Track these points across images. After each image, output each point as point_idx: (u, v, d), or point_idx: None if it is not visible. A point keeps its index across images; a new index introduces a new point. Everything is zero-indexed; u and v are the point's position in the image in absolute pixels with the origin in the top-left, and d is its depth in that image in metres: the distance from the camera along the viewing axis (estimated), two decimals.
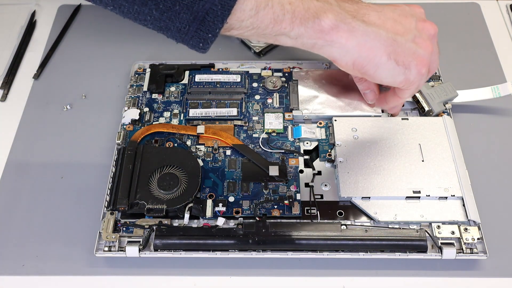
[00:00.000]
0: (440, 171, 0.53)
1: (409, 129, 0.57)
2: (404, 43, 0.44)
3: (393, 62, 0.43)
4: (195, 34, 0.39)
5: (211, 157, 0.56)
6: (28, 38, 0.71)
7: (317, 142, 0.58)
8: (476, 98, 0.61)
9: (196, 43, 0.40)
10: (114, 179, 0.54)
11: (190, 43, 0.40)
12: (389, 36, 0.43)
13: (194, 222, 0.52)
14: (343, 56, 0.42)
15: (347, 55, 0.42)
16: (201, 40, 0.39)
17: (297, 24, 0.40)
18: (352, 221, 0.52)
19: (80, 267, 0.51)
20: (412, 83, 0.46)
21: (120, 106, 0.62)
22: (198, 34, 0.39)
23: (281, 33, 0.41)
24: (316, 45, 0.42)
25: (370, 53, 0.43)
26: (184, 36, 0.40)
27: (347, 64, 0.43)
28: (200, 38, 0.39)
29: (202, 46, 0.40)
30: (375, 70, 0.44)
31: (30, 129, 0.61)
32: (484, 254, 0.49)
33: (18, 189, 0.56)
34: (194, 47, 0.41)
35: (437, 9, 0.74)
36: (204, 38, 0.39)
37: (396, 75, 0.44)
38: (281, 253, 0.50)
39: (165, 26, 0.39)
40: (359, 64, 0.43)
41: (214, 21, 0.38)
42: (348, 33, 0.41)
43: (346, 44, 0.41)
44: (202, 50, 0.41)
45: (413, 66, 0.44)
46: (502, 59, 0.67)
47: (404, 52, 0.44)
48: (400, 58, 0.44)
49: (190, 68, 0.64)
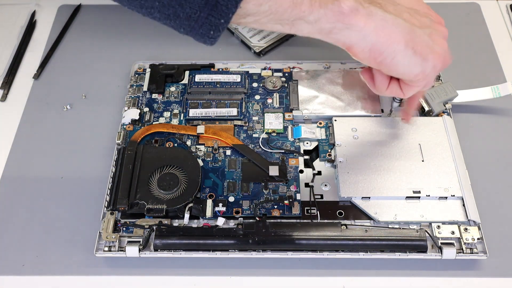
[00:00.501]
0: (440, 171, 0.53)
1: (409, 129, 0.57)
2: (421, 35, 0.43)
3: (411, 51, 0.42)
4: (206, 20, 0.37)
5: (211, 157, 0.56)
6: (28, 38, 0.71)
7: (317, 142, 0.58)
8: (476, 98, 0.61)
9: (206, 31, 0.38)
10: (114, 179, 0.54)
11: (199, 32, 0.38)
12: (407, 24, 0.43)
13: (194, 222, 0.52)
14: (360, 40, 0.41)
15: (365, 39, 0.41)
16: (212, 27, 0.38)
17: (316, 7, 0.39)
18: (352, 221, 0.52)
19: (80, 267, 0.51)
20: (426, 77, 0.45)
21: (120, 106, 0.62)
22: (209, 20, 0.37)
23: (299, 17, 0.39)
24: (335, 29, 0.40)
25: (388, 39, 0.42)
26: (193, 24, 0.38)
27: (363, 50, 0.42)
28: (212, 25, 0.38)
29: (212, 34, 0.38)
30: (392, 58, 0.42)
31: (30, 129, 0.61)
32: (484, 254, 0.49)
33: (18, 189, 0.56)
34: (204, 36, 0.39)
35: (437, 9, 0.73)
36: (215, 25, 0.37)
37: (413, 65, 0.43)
38: (281, 253, 0.50)
39: (173, 13, 0.37)
40: (376, 51, 0.42)
41: (228, 5, 0.36)
42: (367, 16, 0.41)
43: (365, 28, 0.41)
44: (211, 40, 0.39)
45: (431, 58, 0.43)
46: (502, 59, 0.67)
47: (422, 42, 0.43)
48: (418, 47, 0.43)
49: (190, 68, 0.64)
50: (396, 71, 0.44)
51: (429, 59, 0.43)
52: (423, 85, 0.47)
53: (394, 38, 0.42)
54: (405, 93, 0.47)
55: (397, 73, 0.44)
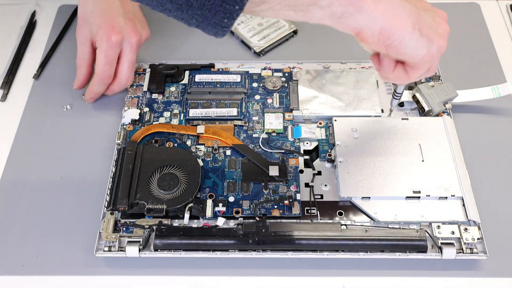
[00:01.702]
0: (440, 171, 0.53)
1: (409, 129, 0.57)
2: (426, 17, 0.45)
3: (418, 33, 0.43)
4: (219, 8, 0.37)
5: (211, 157, 0.56)
6: (28, 38, 0.71)
7: (317, 142, 0.58)
8: (476, 98, 0.61)
9: (219, 20, 0.38)
10: (114, 179, 0.54)
11: (212, 21, 0.38)
12: (413, 7, 0.44)
13: (194, 222, 0.52)
14: (370, 24, 0.42)
15: (375, 23, 0.42)
16: (226, 15, 0.37)
17: None
18: (352, 221, 0.52)
19: (80, 267, 0.51)
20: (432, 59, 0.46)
21: (120, 106, 0.62)
22: (223, 8, 0.37)
23: (313, 2, 0.40)
24: (345, 13, 0.41)
25: (397, 22, 0.43)
26: (206, 13, 0.37)
27: (373, 33, 0.43)
28: (226, 12, 0.37)
29: (226, 22, 0.38)
30: (401, 41, 0.43)
31: (30, 129, 0.61)
32: (484, 254, 0.49)
33: (18, 189, 0.56)
34: (216, 26, 0.38)
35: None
36: (230, 12, 0.37)
37: (419, 46, 0.44)
38: (281, 253, 0.50)
39: (186, 2, 0.37)
40: (385, 34, 0.43)
41: None
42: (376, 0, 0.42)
43: (374, 11, 0.41)
44: (224, 30, 0.39)
45: (436, 39, 0.45)
46: (502, 59, 0.67)
47: (427, 24, 0.44)
48: (424, 29, 0.44)
49: (190, 68, 0.64)
50: (404, 53, 0.45)
51: (434, 40, 0.44)
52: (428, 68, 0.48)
53: (402, 21, 0.43)
54: (411, 76, 0.48)
55: (405, 55, 0.45)
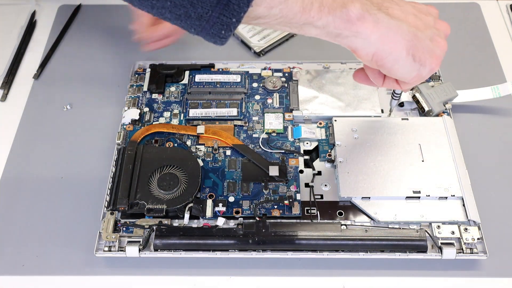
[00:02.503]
0: (440, 171, 0.53)
1: (409, 129, 0.57)
2: (423, 40, 0.44)
3: (411, 58, 0.44)
4: (217, 20, 0.37)
5: (211, 157, 0.56)
6: (28, 38, 0.71)
7: (317, 142, 0.58)
8: (476, 98, 0.61)
9: (217, 31, 0.38)
10: (114, 179, 0.54)
11: (210, 32, 0.38)
12: (411, 31, 0.44)
13: (194, 222, 0.52)
14: (365, 47, 0.43)
15: (370, 46, 0.42)
16: (224, 27, 0.38)
17: (325, 13, 0.40)
18: (352, 221, 0.52)
19: (80, 267, 0.51)
20: (422, 79, 0.46)
21: (120, 106, 0.62)
22: (220, 20, 0.37)
23: (308, 22, 0.40)
24: (341, 35, 0.42)
25: (391, 47, 0.43)
26: (204, 24, 0.38)
27: (367, 55, 0.43)
28: (223, 25, 0.38)
29: (224, 34, 0.38)
30: (393, 64, 0.44)
31: (30, 129, 0.61)
32: (484, 254, 0.49)
33: (18, 189, 0.56)
34: (215, 36, 0.39)
35: (437, 9, 0.74)
36: (227, 24, 0.38)
37: (411, 70, 0.45)
38: (281, 253, 0.50)
39: (184, 13, 0.37)
40: (378, 56, 0.43)
41: (240, 4, 0.37)
42: (373, 24, 0.41)
43: (370, 36, 0.42)
44: (222, 40, 0.39)
45: (428, 63, 0.45)
46: (502, 59, 0.67)
47: (423, 48, 0.44)
48: (418, 54, 0.44)
49: (190, 68, 0.64)
50: (395, 75, 0.45)
51: (426, 64, 0.44)
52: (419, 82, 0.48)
53: (397, 47, 0.43)
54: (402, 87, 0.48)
55: (395, 76, 0.46)
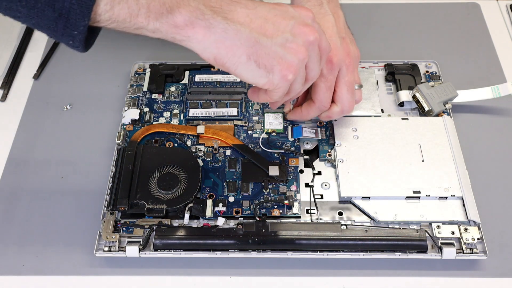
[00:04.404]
0: (440, 171, 0.53)
1: (409, 129, 0.57)
2: (269, 46, 0.42)
3: (253, 63, 0.42)
4: (64, 31, 0.39)
5: (211, 157, 0.56)
6: (28, 38, 0.71)
7: (317, 142, 0.58)
8: (476, 98, 0.61)
9: (66, 41, 0.40)
10: (114, 179, 0.54)
11: (63, 40, 0.40)
12: (252, 36, 0.42)
13: (194, 222, 0.52)
14: (202, 51, 0.42)
15: (206, 50, 0.42)
16: (70, 38, 0.40)
17: (152, 19, 0.40)
18: (352, 221, 0.52)
19: (80, 267, 0.51)
20: (277, 87, 0.44)
21: (120, 106, 0.62)
22: (66, 31, 0.39)
23: (139, 27, 0.41)
24: (175, 39, 0.42)
25: (229, 51, 0.42)
26: (55, 34, 0.40)
27: (209, 59, 0.43)
28: (69, 36, 0.39)
29: (72, 43, 0.40)
30: (235, 69, 0.43)
31: (30, 129, 0.61)
32: (484, 254, 0.49)
33: (18, 189, 0.56)
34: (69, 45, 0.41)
35: (437, 9, 0.74)
36: (72, 36, 0.39)
37: (257, 76, 0.43)
38: (281, 253, 0.50)
39: (36, 23, 0.39)
40: (219, 60, 0.42)
41: (77, 19, 0.38)
42: (205, 29, 0.41)
43: (203, 40, 0.41)
44: (77, 49, 0.41)
45: (277, 70, 0.43)
46: (502, 59, 0.67)
47: (268, 55, 0.42)
48: (262, 60, 0.42)
49: (190, 68, 0.64)
50: (245, 79, 0.44)
51: (274, 70, 0.43)
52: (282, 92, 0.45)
53: (234, 51, 0.42)
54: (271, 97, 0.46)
55: (246, 80, 0.44)
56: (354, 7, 0.75)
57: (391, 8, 0.74)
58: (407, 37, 0.71)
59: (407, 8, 0.74)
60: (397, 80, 0.63)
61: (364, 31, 0.71)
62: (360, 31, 0.71)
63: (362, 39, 0.70)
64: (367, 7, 0.75)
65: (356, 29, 0.71)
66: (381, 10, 0.74)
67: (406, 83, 0.62)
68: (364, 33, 0.71)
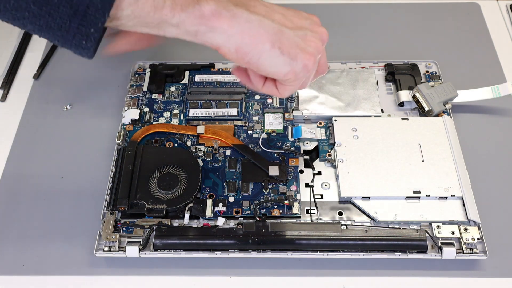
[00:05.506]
0: (440, 171, 0.54)
1: (409, 129, 0.57)
2: (291, 35, 0.43)
3: (278, 51, 0.42)
4: (77, 31, 0.38)
5: (211, 157, 0.56)
6: (28, 38, 0.71)
7: (317, 142, 0.58)
8: (476, 98, 0.61)
9: (78, 42, 0.39)
10: (114, 179, 0.54)
11: (73, 43, 0.39)
12: (275, 26, 0.43)
13: (194, 222, 0.52)
14: (226, 42, 0.42)
15: (230, 41, 0.42)
16: (84, 37, 0.38)
17: (178, 11, 0.40)
18: (352, 221, 0.52)
19: (80, 267, 0.51)
20: (298, 77, 0.45)
21: (120, 106, 0.62)
22: (80, 30, 0.38)
23: (162, 20, 0.40)
24: (199, 32, 0.41)
25: (253, 40, 0.42)
26: (66, 35, 0.38)
27: (230, 50, 0.42)
28: (83, 35, 0.38)
29: (85, 45, 0.39)
30: (259, 58, 0.42)
31: (30, 129, 0.61)
32: (484, 254, 0.49)
33: (18, 189, 0.56)
34: (78, 47, 0.39)
35: (437, 9, 0.74)
36: (87, 35, 0.38)
37: (281, 64, 0.43)
38: (281, 253, 0.50)
39: (45, 23, 0.38)
40: (242, 51, 0.42)
41: (96, 15, 0.37)
42: (230, 19, 0.41)
43: (228, 30, 0.41)
44: (87, 52, 0.40)
45: (300, 58, 0.43)
46: (502, 59, 0.67)
47: (291, 43, 0.43)
48: (286, 47, 0.43)
49: (190, 68, 0.64)
50: (265, 70, 0.44)
51: (298, 58, 0.43)
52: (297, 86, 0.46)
53: (259, 39, 0.42)
54: (281, 92, 0.47)
55: (266, 72, 0.44)
56: (354, 7, 0.75)
57: (391, 8, 0.74)
58: (407, 37, 0.71)
59: (407, 8, 0.74)
60: (397, 80, 0.63)
61: (364, 31, 0.71)
62: (360, 31, 0.71)
63: (362, 39, 0.70)
64: (367, 7, 0.75)
65: (356, 29, 0.72)
66: (381, 10, 0.74)
67: (406, 83, 0.62)
68: (364, 33, 0.71)
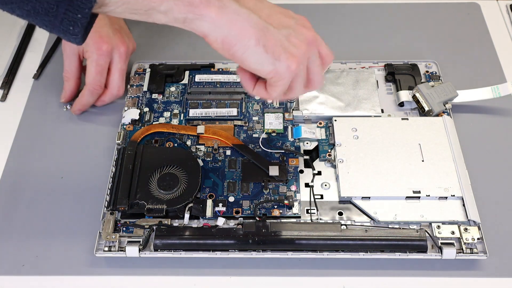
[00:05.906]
0: (440, 171, 0.53)
1: (409, 129, 0.57)
2: (276, 34, 0.43)
3: (262, 48, 0.42)
4: (64, 16, 0.38)
5: (211, 157, 0.56)
6: (28, 38, 0.71)
7: (317, 142, 0.58)
8: (476, 98, 0.61)
9: (66, 27, 0.39)
10: (114, 179, 0.54)
11: (61, 28, 0.39)
12: (261, 22, 0.43)
13: (194, 222, 0.52)
14: (212, 31, 0.42)
15: (217, 30, 0.42)
16: (71, 23, 0.38)
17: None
18: (352, 221, 0.52)
19: (80, 267, 0.51)
20: (281, 77, 0.44)
21: (120, 106, 0.62)
22: (67, 15, 0.38)
23: (151, 7, 0.40)
24: (187, 19, 0.41)
25: (239, 33, 0.42)
26: (53, 20, 0.38)
27: (216, 40, 0.42)
28: (70, 21, 0.38)
29: (73, 30, 0.39)
30: (243, 52, 0.43)
31: (30, 129, 0.61)
32: (484, 254, 0.49)
33: (18, 189, 0.56)
34: (66, 33, 0.39)
35: (437, 9, 0.74)
36: (74, 20, 0.38)
37: (264, 62, 0.43)
38: (281, 253, 0.50)
39: (32, 8, 0.38)
40: (228, 43, 0.42)
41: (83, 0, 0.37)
42: (219, 9, 0.41)
43: (216, 19, 0.41)
44: (75, 38, 0.40)
45: (283, 58, 0.43)
46: (502, 59, 0.67)
47: (275, 42, 0.43)
48: (270, 46, 0.43)
49: (190, 68, 0.64)
50: (249, 66, 0.44)
51: (281, 59, 0.43)
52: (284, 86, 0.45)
53: (245, 33, 0.42)
54: (270, 93, 0.47)
55: (250, 68, 0.44)
56: (354, 7, 0.75)
57: (391, 8, 0.74)
58: (407, 37, 0.71)
59: (407, 8, 0.74)
60: (397, 80, 0.63)
61: (364, 31, 0.71)
62: (360, 31, 0.71)
63: (362, 39, 0.70)
64: (367, 7, 0.75)
65: (356, 29, 0.72)
66: (381, 10, 0.74)
67: (406, 83, 0.62)
68: (364, 33, 0.71)
